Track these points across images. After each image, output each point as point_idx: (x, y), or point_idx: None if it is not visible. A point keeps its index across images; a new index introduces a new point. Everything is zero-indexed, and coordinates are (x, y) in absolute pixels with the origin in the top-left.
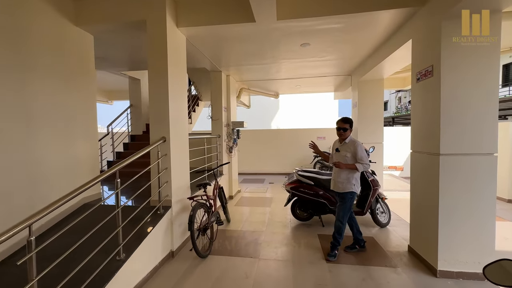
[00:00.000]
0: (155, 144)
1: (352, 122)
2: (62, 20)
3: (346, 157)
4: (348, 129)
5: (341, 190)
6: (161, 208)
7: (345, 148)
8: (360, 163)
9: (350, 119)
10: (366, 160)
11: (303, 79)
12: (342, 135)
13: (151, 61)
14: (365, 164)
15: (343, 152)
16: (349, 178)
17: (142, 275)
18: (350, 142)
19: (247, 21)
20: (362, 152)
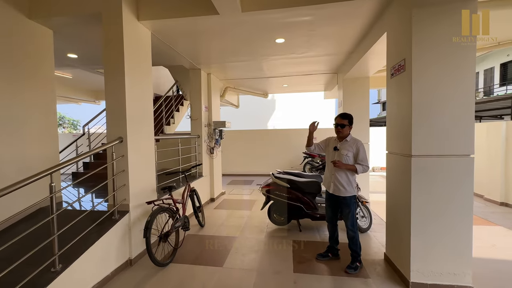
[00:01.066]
0: (109, 144)
1: (352, 118)
2: (12, 12)
3: (347, 156)
4: (347, 126)
5: (344, 194)
6: (116, 213)
7: (346, 147)
8: (360, 165)
9: (350, 115)
10: (366, 162)
11: (290, 77)
12: (340, 132)
13: (106, 56)
14: (365, 166)
15: (343, 151)
16: (350, 180)
17: (86, 287)
18: (352, 141)
19: (211, 13)
20: (364, 153)
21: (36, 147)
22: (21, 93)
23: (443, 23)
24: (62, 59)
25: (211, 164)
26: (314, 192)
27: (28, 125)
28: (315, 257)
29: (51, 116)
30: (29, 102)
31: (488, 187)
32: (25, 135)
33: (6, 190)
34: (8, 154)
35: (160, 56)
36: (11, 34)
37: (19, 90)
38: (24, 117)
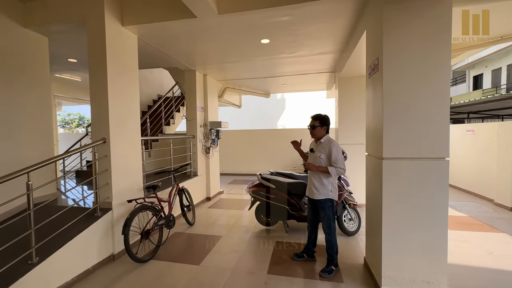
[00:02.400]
0: (91, 145)
1: (324, 119)
2: (9, 22)
3: (320, 158)
4: (318, 126)
5: (317, 197)
6: (99, 210)
7: (319, 149)
8: (333, 167)
9: (323, 116)
10: (340, 164)
11: (287, 77)
12: (312, 134)
13: (90, 61)
14: (339, 168)
15: (317, 152)
16: (324, 182)
17: (65, 279)
18: (326, 142)
19: (189, 17)
20: (338, 154)
21: (32, 147)
22: (18, 97)
23: (416, 20)
24: (65, 64)
25: (207, 163)
26: (300, 194)
27: (24, 127)
28: (290, 256)
29: (47, 118)
30: (26, 105)
31: (498, 191)
32: (22, 136)
33: None
34: (4, 154)
35: (155, 59)
36: (7, 43)
37: (16, 95)
38: (21, 119)
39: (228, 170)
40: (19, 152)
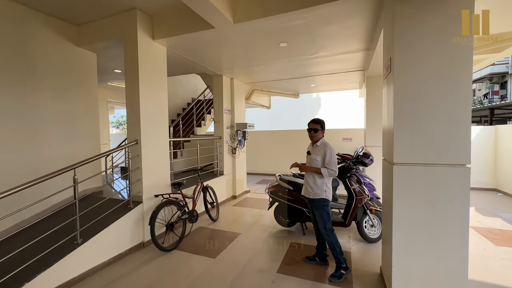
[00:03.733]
0: (125, 146)
1: (323, 123)
2: (66, 43)
3: (316, 160)
4: (319, 130)
5: (312, 196)
6: (131, 203)
7: (315, 151)
8: (326, 168)
9: (321, 120)
10: (333, 166)
11: (315, 77)
12: (313, 137)
13: (126, 71)
14: (331, 170)
15: (313, 155)
16: (318, 183)
17: (102, 259)
18: (322, 145)
19: (208, 28)
20: (331, 157)
21: (83, 147)
22: (73, 105)
23: (431, 19)
24: (112, 74)
25: (233, 163)
26: None
27: (77, 130)
28: (303, 258)
29: (95, 122)
30: (78, 111)
31: None
32: (75, 138)
33: (36, 181)
34: (61, 152)
35: (184, 66)
36: (65, 59)
37: (71, 103)
38: (74, 124)
39: (258, 170)
40: (74, 151)
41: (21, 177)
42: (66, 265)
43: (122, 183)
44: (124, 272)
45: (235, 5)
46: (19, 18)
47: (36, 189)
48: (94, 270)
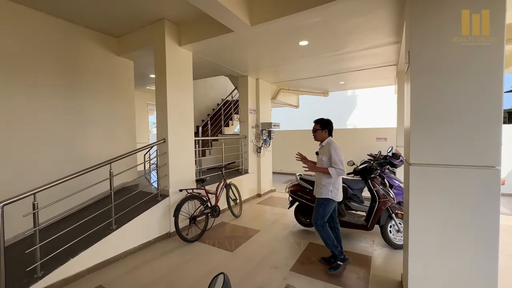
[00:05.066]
0: (154, 144)
1: (325, 123)
2: (108, 53)
3: (322, 160)
4: (319, 130)
5: (318, 196)
6: (159, 196)
7: (322, 152)
8: (333, 167)
9: (323, 120)
10: (340, 165)
11: (344, 74)
12: (314, 137)
13: (155, 76)
14: (339, 169)
15: (320, 155)
16: (325, 183)
17: (133, 245)
18: (327, 145)
19: (227, 32)
20: (336, 156)
21: (121, 143)
22: (113, 107)
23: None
24: (148, 79)
25: (258, 162)
26: None
27: (119, 129)
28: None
29: (131, 121)
30: (117, 112)
31: None
32: (115, 136)
33: (79, 173)
34: (103, 149)
35: (210, 69)
36: (106, 67)
37: (111, 106)
38: (115, 121)
39: (287, 169)
40: (113, 148)
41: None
42: (102, 246)
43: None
44: (151, 257)
45: (251, 8)
46: (72, 35)
47: (82, 181)
48: (126, 253)
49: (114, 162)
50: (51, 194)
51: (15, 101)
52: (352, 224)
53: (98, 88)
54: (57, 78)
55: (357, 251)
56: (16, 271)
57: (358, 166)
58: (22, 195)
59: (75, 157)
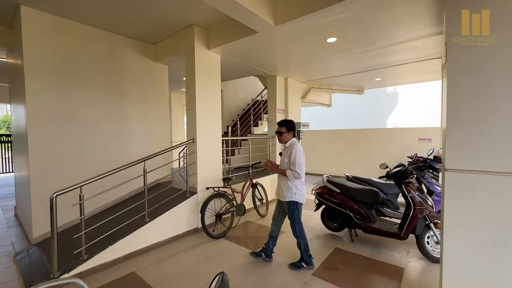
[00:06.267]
0: (184, 143)
1: (289, 124)
2: (145, 59)
3: (284, 162)
4: (285, 133)
5: (282, 198)
6: (188, 193)
7: (284, 153)
8: (290, 169)
9: (288, 121)
10: (297, 167)
11: (380, 70)
12: (280, 139)
13: (186, 79)
14: (294, 172)
15: (283, 156)
16: (288, 185)
17: (163, 237)
18: (289, 146)
19: (252, 33)
20: (296, 158)
21: (156, 142)
22: (150, 109)
23: None
24: (182, 82)
25: None
26: (369, 202)
27: (153, 129)
28: (346, 268)
29: (165, 122)
30: (154, 114)
31: None
32: (152, 135)
33: (117, 169)
34: (141, 147)
35: (239, 70)
36: (144, 72)
37: (148, 108)
38: (151, 122)
39: (318, 170)
40: (149, 147)
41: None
42: (137, 237)
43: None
44: (179, 250)
45: (275, 8)
46: (115, 44)
47: (120, 176)
48: (157, 244)
49: (149, 160)
50: (95, 187)
51: (70, 101)
52: (382, 231)
53: (136, 92)
54: (102, 82)
55: (388, 261)
56: (66, 253)
57: (391, 170)
58: (71, 187)
59: (116, 154)
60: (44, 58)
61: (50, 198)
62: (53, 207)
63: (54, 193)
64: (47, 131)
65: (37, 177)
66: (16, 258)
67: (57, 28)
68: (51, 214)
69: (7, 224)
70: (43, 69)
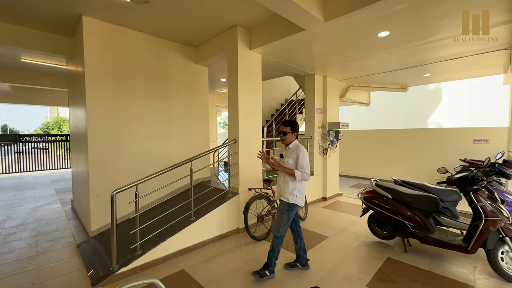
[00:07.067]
0: (226, 144)
1: (294, 125)
2: (187, 61)
3: (288, 163)
4: (289, 133)
5: (279, 198)
6: (230, 193)
7: (288, 154)
8: (299, 171)
9: (293, 122)
10: (305, 169)
11: (431, 65)
12: (283, 140)
13: (228, 81)
14: (304, 173)
15: (286, 158)
16: (289, 186)
17: (208, 236)
18: (294, 148)
19: (298, 31)
20: (304, 160)
21: (196, 143)
22: (191, 109)
23: None
24: (219, 83)
25: (324, 164)
26: (427, 210)
27: (194, 129)
28: (405, 281)
29: (205, 122)
30: (195, 114)
31: None
32: (194, 136)
33: (157, 173)
34: (182, 147)
35: (277, 70)
36: (187, 74)
37: (189, 109)
38: (192, 125)
39: (353, 172)
40: (190, 147)
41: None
42: (184, 235)
43: (225, 175)
44: (223, 250)
45: (325, 2)
46: (160, 47)
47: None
48: (202, 243)
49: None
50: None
51: (122, 103)
52: (444, 243)
53: (179, 93)
54: (150, 85)
55: (453, 276)
56: (123, 247)
57: (453, 175)
58: (128, 185)
59: (163, 153)
60: (101, 63)
61: (111, 195)
62: (113, 203)
63: (114, 191)
64: (103, 132)
65: (95, 174)
66: (78, 249)
67: (112, 35)
68: (112, 210)
69: (67, 217)
70: (100, 74)
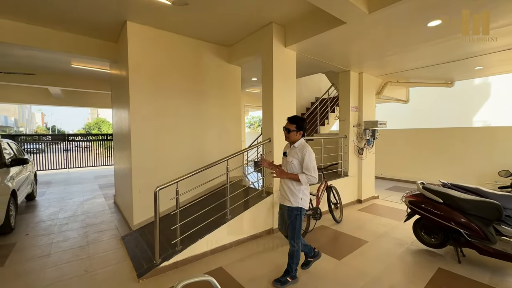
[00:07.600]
0: (262, 143)
1: (300, 122)
2: (221, 61)
3: (292, 163)
4: (294, 131)
5: (287, 204)
6: (264, 193)
7: (292, 153)
8: (304, 174)
9: (299, 119)
10: (312, 171)
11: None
12: (287, 137)
13: (263, 79)
14: (310, 176)
15: (289, 157)
16: (294, 190)
17: (242, 235)
18: (300, 147)
19: (338, 25)
20: (310, 161)
21: (230, 142)
22: (225, 109)
23: None
24: (250, 82)
25: (359, 164)
26: (486, 217)
27: (228, 129)
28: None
29: (238, 122)
30: (228, 114)
31: None
32: (227, 135)
33: (197, 171)
34: (217, 146)
35: (311, 67)
36: (220, 74)
37: (223, 109)
38: (226, 121)
39: (389, 174)
40: (224, 146)
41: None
42: (220, 233)
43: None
44: (258, 250)
45: None
46: (196, 48)
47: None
48: (237, 242)
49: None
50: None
51: (161, 104)
52: (508, 255)
53: (214, 93)
54: (186, 86)
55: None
56: (163, 242)
57: None
58: (170, 182)
59: (197, 152)
60: (143, 66)
61: (154, 191)
62: (156, 199)
63: (158, 187)
64: (145, 131)
65: (137, 171)
66: (122, 241)
67: (153, 38)
68: (155, 206)
69: (110, 210)
70: (142, 76)
